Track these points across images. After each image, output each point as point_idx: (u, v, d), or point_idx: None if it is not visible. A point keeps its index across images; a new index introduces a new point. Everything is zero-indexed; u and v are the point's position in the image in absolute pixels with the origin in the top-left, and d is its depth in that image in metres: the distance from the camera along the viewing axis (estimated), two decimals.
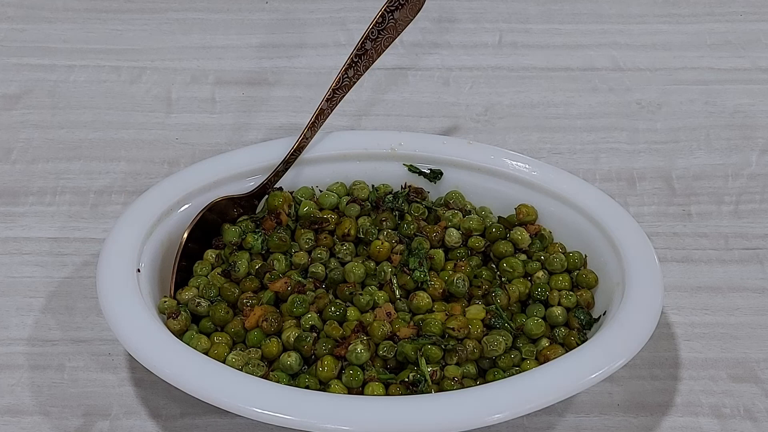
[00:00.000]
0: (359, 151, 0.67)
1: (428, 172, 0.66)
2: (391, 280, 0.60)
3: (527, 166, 0.66)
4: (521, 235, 0.63)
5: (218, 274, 0.61)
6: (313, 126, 0.66)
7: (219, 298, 0.60)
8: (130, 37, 0.85)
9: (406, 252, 0.61)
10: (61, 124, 0.77)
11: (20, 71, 0.82)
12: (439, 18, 0.88)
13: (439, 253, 0.61)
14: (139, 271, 0.59)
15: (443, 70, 0.83)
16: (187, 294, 0.60)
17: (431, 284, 0.60)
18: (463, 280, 0.60)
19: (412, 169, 0.66)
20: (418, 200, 0.65)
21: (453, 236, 0.62)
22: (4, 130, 0.76)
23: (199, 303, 0.59)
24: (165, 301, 0.59)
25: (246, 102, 0.80)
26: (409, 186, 0.66)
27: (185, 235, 0.62)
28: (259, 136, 0.77)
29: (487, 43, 0.86)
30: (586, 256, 0.62)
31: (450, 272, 0.61)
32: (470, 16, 0.88)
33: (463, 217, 0.63)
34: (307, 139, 0.65)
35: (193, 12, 0.88)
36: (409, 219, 0.63)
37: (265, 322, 0.58)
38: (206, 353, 0.57)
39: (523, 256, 0.63)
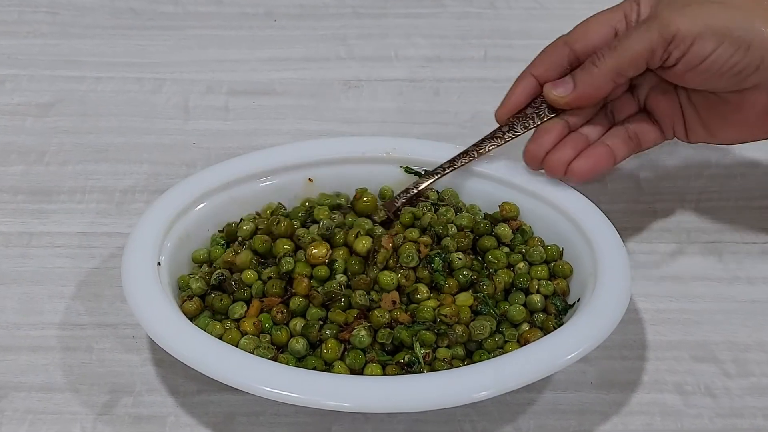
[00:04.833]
0: (358, 155, 0.66)
1: (423, 172, 0.65)
2: (416, 267, 0.58)
3: (510, 168, 0.65)
4: (504, 230, 0.62)
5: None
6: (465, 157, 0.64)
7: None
8: (151, 52, 0.85)
9: (434, 250, 0.59)
10: (90, 130, 0.77)
11: (53, 82, 0.81)
12: (430, 35, 0.87)
13: (455, 255, 0.60)
14: (159, 264, 0.58)
15: (434, 81, 0.82)
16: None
17: (447, 285, 0.58)
18: (471, 277, 0.59)
19: (408, 170, 0.65)
20: (423, 199, 0.63)
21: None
22: (38, 136, 0.76)
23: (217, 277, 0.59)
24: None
25: (256, 110, 0.79)
26: (417, 189, 0.64)
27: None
28: (269, 140, 0.76)
29: (474, 57, 0.85)
30: (562, 249, 0.62)
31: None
32: (458, 34, 0.88)
33: (456, 214, 0.63)
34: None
35: (208, 29, 0.88)
36: (435, 218, 0.61)
37: (279, 314, 0.57)
38: (221, 338, 0.56)
39: (506, 249, 0.62)
